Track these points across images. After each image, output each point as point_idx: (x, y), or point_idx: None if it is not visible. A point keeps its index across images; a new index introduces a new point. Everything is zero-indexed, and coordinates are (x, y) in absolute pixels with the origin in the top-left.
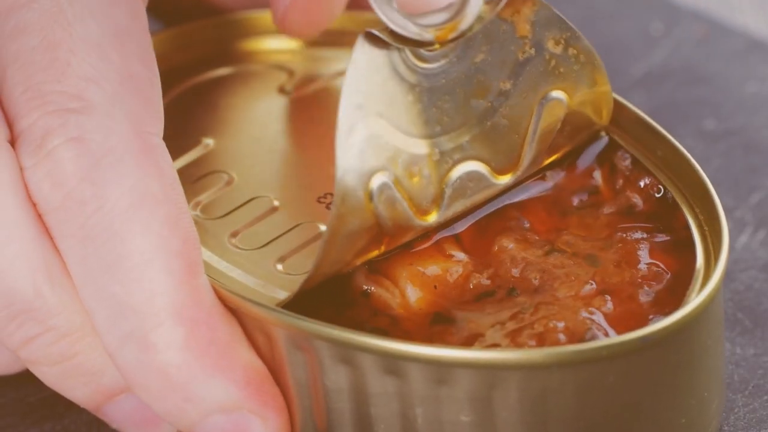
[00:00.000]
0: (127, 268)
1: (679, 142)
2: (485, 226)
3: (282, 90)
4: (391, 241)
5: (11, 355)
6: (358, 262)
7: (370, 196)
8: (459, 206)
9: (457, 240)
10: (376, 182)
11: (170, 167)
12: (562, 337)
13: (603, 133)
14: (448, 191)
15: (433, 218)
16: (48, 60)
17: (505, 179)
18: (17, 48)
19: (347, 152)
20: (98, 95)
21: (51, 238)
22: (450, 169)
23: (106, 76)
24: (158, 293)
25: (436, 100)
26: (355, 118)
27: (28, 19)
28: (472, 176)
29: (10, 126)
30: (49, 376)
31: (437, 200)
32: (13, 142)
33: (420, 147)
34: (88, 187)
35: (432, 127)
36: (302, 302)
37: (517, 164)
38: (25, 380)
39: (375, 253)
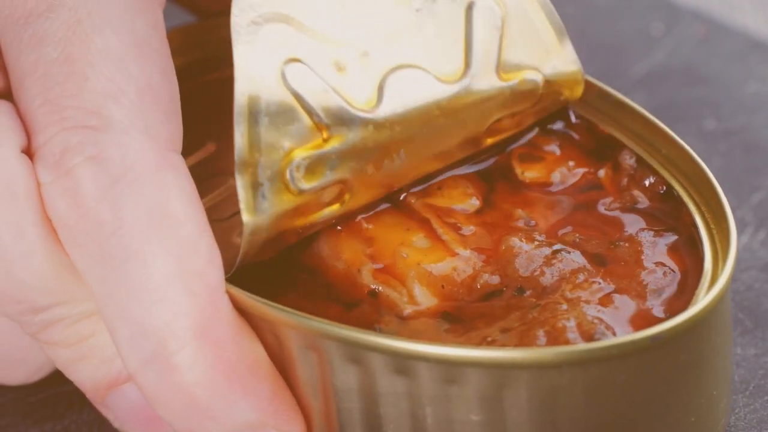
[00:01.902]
0: (148, 290)
1: None
2: (492, 225)
3: None
4: (333, 134)
5: (33, 365)
6: (302, 153)
7: (284, 79)
8: (405, 105)
9: (464, 239)
10: (290, 67)
11: (189, 183)
12: (571, 336)
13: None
14: (387, 90)
15: (377, 111)
16: (66, 73)
17: (454, 84)
18: (36, 58)
19: (247, 40)
20: (116, 112)
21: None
22: (385, 72)
23: (124, 90)
24: (181, 315)
25: (356, 7)
26: (255, 15)
27: (46, 30)
28: (412, 78)
29: (28, 136)
30: (64, 357)
31: (375, 95)
32: (31, 154)
33: (346, 49)
34: (106, 208)
35: (357, 33)
36: (309, 302)
37: (463, 70)
38: None
39: (318, 142)
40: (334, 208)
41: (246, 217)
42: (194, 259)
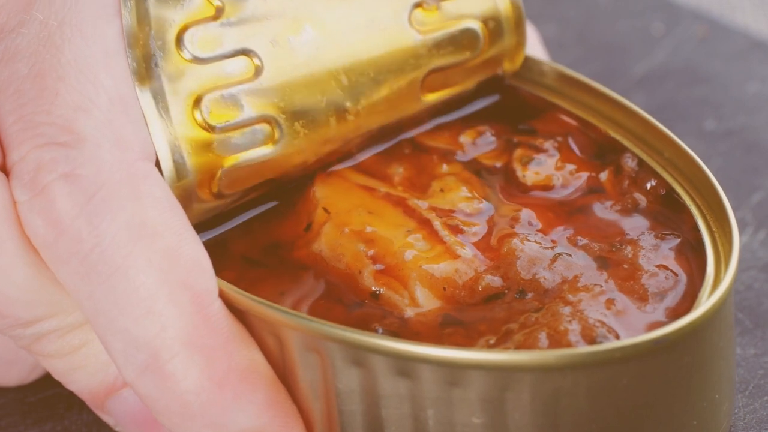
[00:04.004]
0: (134, 303)
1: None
2: (494, 227)
3: None
4: (226, 8)
5: (25, 366)
6: (194, 25)
7: None
8: None
9: (466, 241)
10: None
11: (165, 192)
12: (573, 339)
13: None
14: None
15: None
16: (37, 89)
17: None
18: (8, 75)
19: None
20: (88, 126)
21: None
22: None
23: (95, 101)
24: (169, 326)
25: None
26: None
27: (17, 45)
28: None
29: (3, 153)
30: (58, 368)
31: None
32: (6, 171)
33: None
34: (84, 225)
35: None
36: (310, 303)
37: None
38: None
39: (211, 15)
40: (252, 84)
41: (139, 85)
42: (176, 268)
